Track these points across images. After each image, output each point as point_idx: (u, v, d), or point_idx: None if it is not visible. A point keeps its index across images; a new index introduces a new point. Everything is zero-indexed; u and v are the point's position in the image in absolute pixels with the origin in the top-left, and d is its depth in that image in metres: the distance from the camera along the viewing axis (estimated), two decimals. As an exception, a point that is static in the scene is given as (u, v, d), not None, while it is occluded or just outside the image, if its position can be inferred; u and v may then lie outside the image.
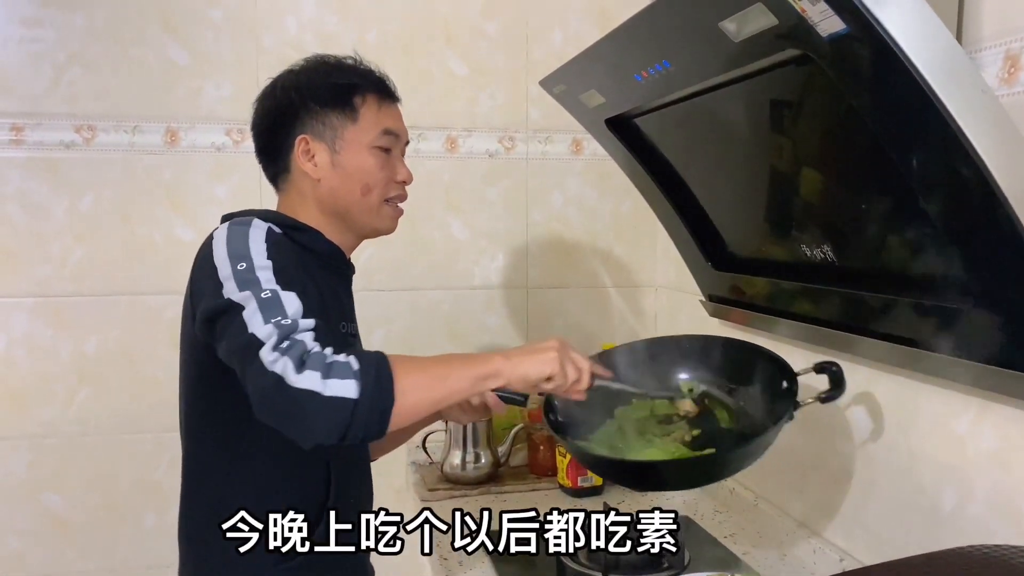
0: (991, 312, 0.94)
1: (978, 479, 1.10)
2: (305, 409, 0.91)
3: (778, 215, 1.34)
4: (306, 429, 0.93)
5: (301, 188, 1.22)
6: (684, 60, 1.14)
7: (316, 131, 1.20)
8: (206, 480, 1.18)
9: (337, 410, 0.92)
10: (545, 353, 1.09)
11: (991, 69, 1.02)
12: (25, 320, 1.87)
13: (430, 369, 1.02)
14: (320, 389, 0.91)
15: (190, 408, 1.19)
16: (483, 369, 1.05)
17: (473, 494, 1.79)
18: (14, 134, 1.83)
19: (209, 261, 1.06)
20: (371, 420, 0.93)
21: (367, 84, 1.23)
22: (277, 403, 0.92)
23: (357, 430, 0.93)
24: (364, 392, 0.93)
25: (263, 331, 0.95)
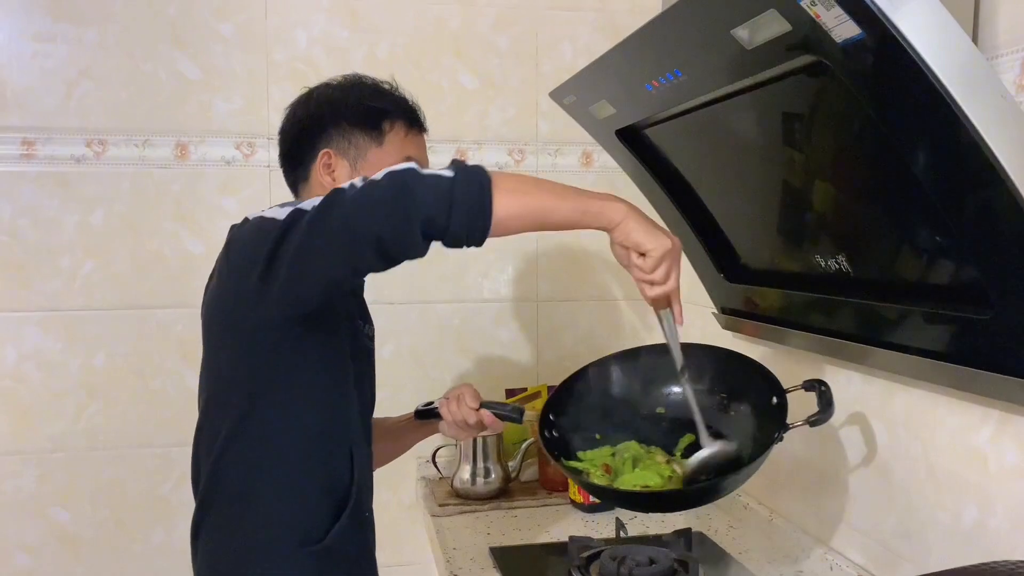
0: (1011, 322, 0.92)
1: (999, 493, 1.08)
2: (408, 184, 0.94)
3: (792, 226, 1.32)
4: (413, 204, 0.94)
5: None
6: (696, 69, 1.13)
7: (341, 147, 1.23)
8: (233, 472, 1.17)
9: (437, 183, 0.94)
10: (659, 235, 1.05)
11: (1008, 75, 1.01)
12: (35, 334, 1.87)
13: (534, 181, 1.04)
14: (416, 167, 0.96)
15: (215, 403, 1.19)
16: (595, 204, 1.03)
17: (484, 509, 1.77)
18: (26, 148, 1.84)
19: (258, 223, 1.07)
20: (471, 194, 0.95)
21: (398, 111, 1.26)
22: (377, 192, 0.95)
23: (460, 204, 0.94)
24: (458, 172, 0.96)
25: (345, 184, 0.99)
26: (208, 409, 1.20)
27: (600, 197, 1.05)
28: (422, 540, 1.98)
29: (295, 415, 1.15)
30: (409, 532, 2.03)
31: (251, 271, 1.04)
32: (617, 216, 1.04)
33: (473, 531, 1.66)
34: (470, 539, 1.61)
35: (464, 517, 1.74)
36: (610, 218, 1.04)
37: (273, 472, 1.15)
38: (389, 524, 2.01)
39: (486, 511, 1.77)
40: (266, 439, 1.15)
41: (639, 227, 1.04)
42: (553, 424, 1.37)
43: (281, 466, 1.15)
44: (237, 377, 1.16)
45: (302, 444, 1.16)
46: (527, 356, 2.12)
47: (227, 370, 1.17)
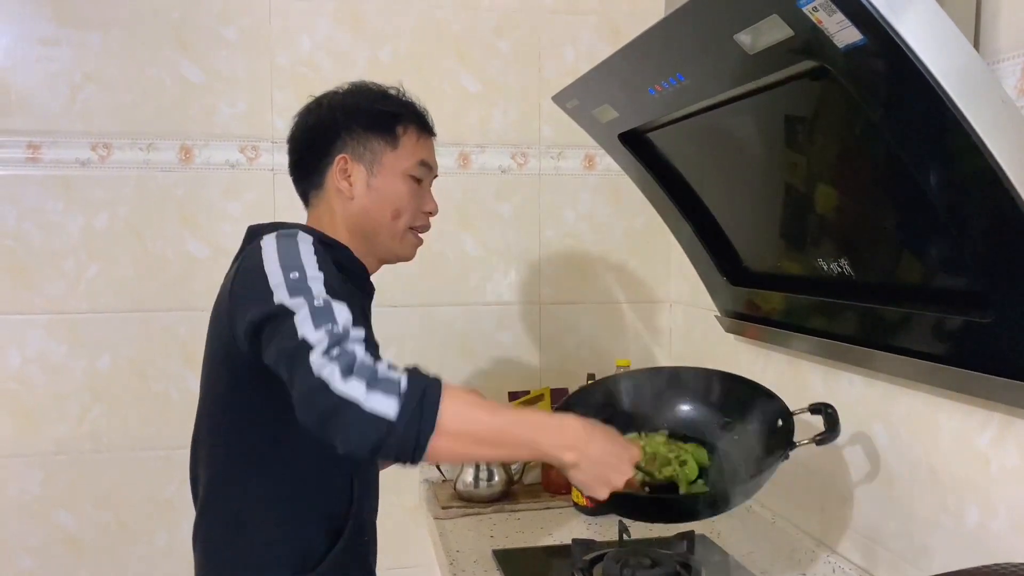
0: (1012, 326, 0.92)
1: (1001, 496, 1.08)
2: (343, 417, 0.91)
3: (794, 229, 1.33)
4: (342, 437, 0.92)
5: (332, 205, 1.25)
6: (698, 73, 1.13)
7: (356, 152, 1.23)
8: (231, 487, 1.17)
9: (373, 425, 0.90)
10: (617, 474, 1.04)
11: (1009, 81, 1.01)
12: (39, 337, 1.88)
13: (487, 419, 0.99)
14: (361, 400, 0.91)
15: (214, 416, 1.19)
16: (552, 450, 1.01)
17: (486, 512, 1.78)
18: (31, 152, 1.85)
19: (259, 270, 1.06)
20: (405, 445, 0.92)
21: (410, 115, 1.27)
22: (318, 406, 0.92)
23: (389, 450, 0.92)
24: (403, 414, 0.91)
25: (314, 336, 0.95)
26: (206, 423, 1.20)
27: (557, 431, 1.03)
28: (425, 543, 1.98)
29: (291, 444, 1.13)
30: (412, 535, 2.03)
31: (242, 318, 1.05)
32: (580, 459, 1.02)
33: (476, 534, 1.66)
34: (473, 542, 1.62)
35: (467, 520, 1.74)
36: (569, 459, 1.02)
37: (269, 498, 1.15)
38: (392, 527, 2.01)
39: (489, 514, 1.77)
40: (261, 466, 1.15)
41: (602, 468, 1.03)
42: None
43: (277, 493, 1.15)
44: (231, 402, 1.16)
45: (298, 472, 1.15)
46: (530, 359, 2.12)
47: (222, 391, 1.17)
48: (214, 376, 1.18)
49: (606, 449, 1.04)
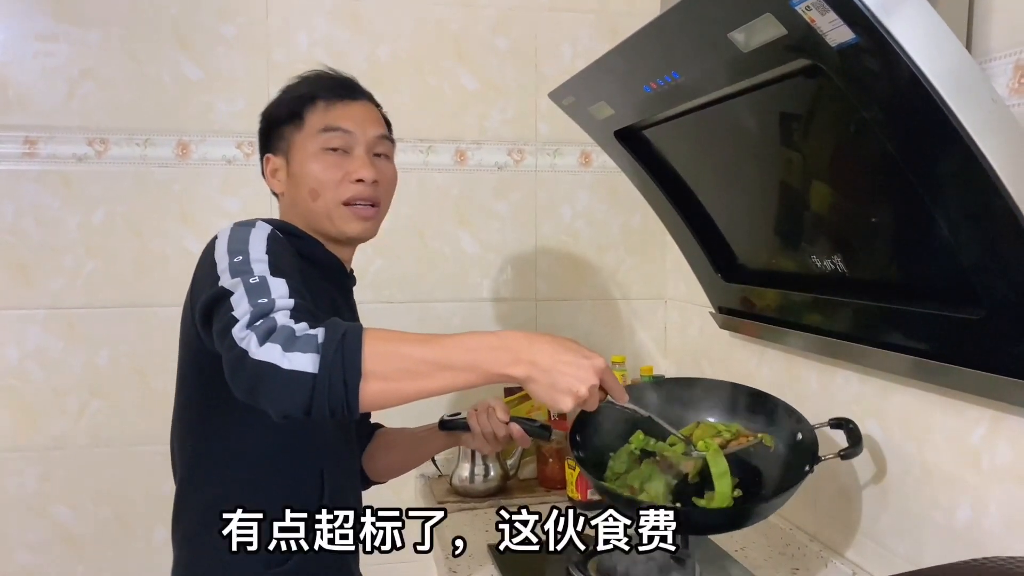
0: (1004, 322, 0.93)
1: (992, 492, 1.09)
2: (266, 382, 0.89)
3: (788, 226, 1.33)
4: (270, 401, 0.90)
5: (281, 205, 1.28)
6: (693, 71, 1.14)
7: (276, 147, 1.24)
8: (201, 482, 1.18)
9: (296, 383, 0.88)
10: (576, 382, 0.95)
11: (1001, 79, 1.02)
12: (37, 333, 1.88)
13: (417, 351, 0.93)
14: (279, 362, 0.88)
15: (184, 409, 1.20)
16: (494, 367, 0.94)
17: (482, 507, 1.78)
18: (28, 147, 1.85)
19: (210, 258, 1.07)
20: (335, 396, 0.89)
21: (315, 90, 1.23)
22: (241, 376, 0.91)
23: (321, 405, 0.89)
24: (323, 366, 0.88)
25: (241, 310, 0.94)
26: (179, 413, 1.21)
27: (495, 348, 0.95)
28: (421, 538, 1.99)
29: (256, 437, 1.14)
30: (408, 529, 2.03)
31: (195, 307, 1.05)
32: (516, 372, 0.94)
33: (472, 528, 1.67)
34: (469, 536, 1.62)
35: (463, 514, 1.75)
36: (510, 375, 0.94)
37: (238, 492, 1.14)
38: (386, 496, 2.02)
39: (485, 508, 1.78)
40: (229, 459, 1.15)
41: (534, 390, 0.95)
42: (580, 444, 1.36)
43: (245, 486, 1.14)
44: (198, 397, 1.16)
45: (264, 466, 1.15)
46: (526, 355, 2.13)
47: (190, 385, 1.18)
48: (184, 371, 1.19)
49: (558, 357, 0.95)
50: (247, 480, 1.15)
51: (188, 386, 1.19)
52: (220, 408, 1.13)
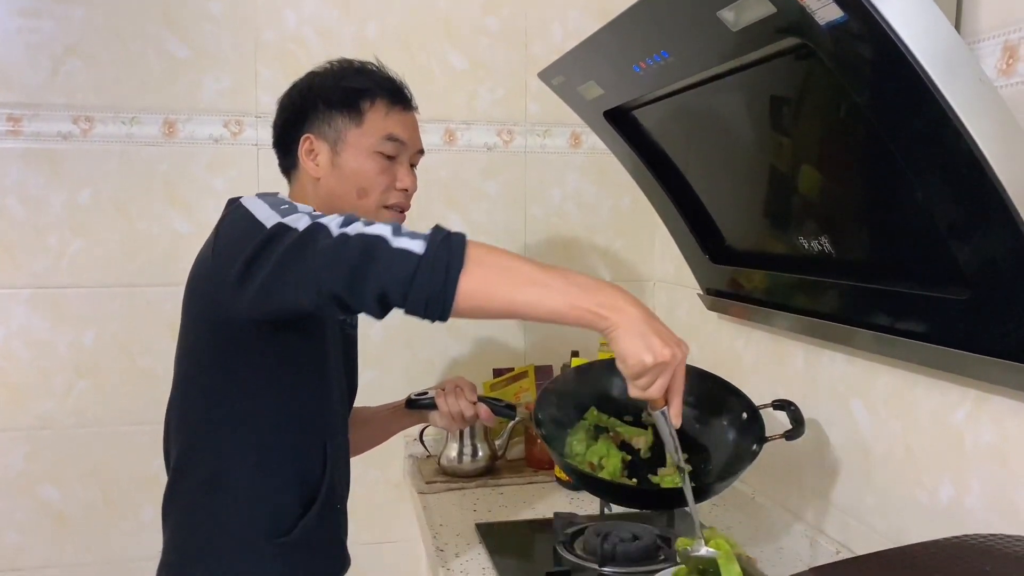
0: (989, 303, 0.93)
1: (975, 471, 1.10)
2: (373, 254, 0.91)
3: (776, 207, 1.34)
4: (375, 275, 0.91)
5: (304, 185, 1.26)
6: (682, 50, 1.14)
7: (321, 131, 1.23)
8: (202, 452, 1.18)
9: (403, 258, 0.90)
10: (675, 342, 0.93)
11: (989, 60, 1.02)
12: (23, 312, 1.87)
13: (518, 264, 0.94)
14: (388, 237, 0.92)
15: (187, 381, 1.19)
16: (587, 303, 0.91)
17: (470, 487, 1.79)
18: (11, 125, 1.83)
19: (248, 218, 1.04)
20: (435, 279, 0.89)
21: (378, 90, 1.24)
22: (345, 254, 0.92)
23: (421, 286, 0.89)
24: (429, 249, 0.90)
25: (326, 219, 0.96)
26: (180, 387, 1.20)
27: (598, 291, 0.93)
28: (409, 517, 2.00)
29: (266, 407, 1.15)
30: (396, 509, 2.05)
31: (231, 266, 1.03)
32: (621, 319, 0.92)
33: (460, 508, 1.68)
34: (456, 515, 1.63)
35: (451, 494, 1.76)
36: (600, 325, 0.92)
37: (243, 462, 1.15)
38: (377, 502, 2.03)
39: (472, 488, 1.79)
40: (236, 428, 1.15)
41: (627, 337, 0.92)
42: (542, 423, 1.43)
43: (251, 457, 1.15)
44: (210, 361, 1.16)
45: (273, 436, 1.16)
46: (515, 338, 2.13)
47: (200, 351, 1.17)
48: (192, 342, 1.18)
49: (653, 320, 0.94)
50: (253, 451, 1.15)
51: (194, 358, 1.18)
52: (229, 378, 1.14)
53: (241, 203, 1.10)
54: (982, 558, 0.79)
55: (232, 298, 1.04)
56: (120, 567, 1.95)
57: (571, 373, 1.60)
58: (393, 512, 2.05)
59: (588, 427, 1.48)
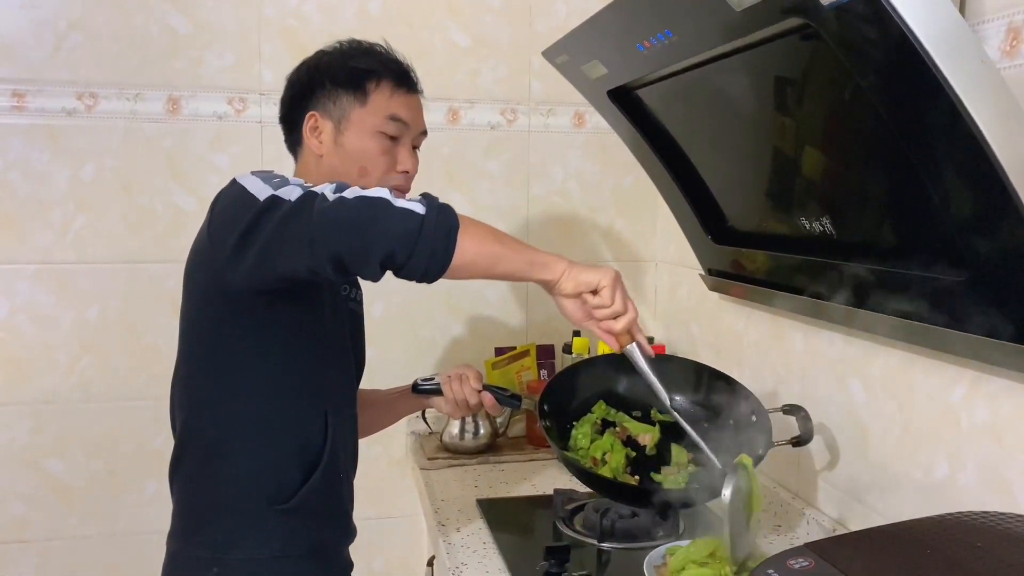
0: (987, 285, 0.94)
1: (970, 450, 1.12)
2: (377, 213, 0.97)
3: (778, 188, 1.34)
4: (380, 232, 0.97)
5: (308, 161, 1.27)
6: (686, 30, 1.14)
7: (326, 109, 1.24)
8: (205, 421, 1.20)
9: (405, 217, 0.97)
10: (602, 269, 1.11)
11: (993, 41, 1.02)
12: (27, 287, 1.88)
13: (493, 232, 1.06)
14: (389, 198, 0.98)
15: (191, 352, 1.21)
16: (541, 256, 1.09)
17: (471, 464, 1.81)
18: (16, 100, 1.83)
19: (241, 194, 1.07)
20: (438, 237, 0.97)
21: (383, 70, 1.25)
22: (345, 214, 0.97)
23: (425, 243, 0.97)
24: (429, 211, 0.98)
25: (319, 188, 1.01)
26: (184, 357, 1.22)
27: (546, 254, 1.10)
28: (411, 493, 2.03)
29: (266, 375, 1.17)
30: (399, 485, 2.07)
31: (227, 238, 1.06)
32: (560, 266, 1.09)
33: (461, 484, 1.70)
34: (458, 491, 1.65)
35: (452, 471, 1.78)
36: (555, 269, 1.09)
37: (244, 429, 1.17)
38: (380, 478, 2.05)
39: (474, 465, 1.81)
40: (237, 396, 1.17)
41: (583, 269, 1.10)
42: (547, 414, 1.43)
43: (252, 424, 1.17)
44: (211, 332, 1.18)
45: (273, 404, 1.17)
46: (516, 317, 2.14)
47: (201, 323, 1.19)
48: (193, 316, 1.20)
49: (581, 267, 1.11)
50: (254, 419, 1.17)
51: (194, 331, 1.20)
52: (228, 348, 1.16)
53: (236, 179, 1.12)
54: (974, 535, 0.80)
55: (229, 269, 1.07)
56: (124, 540, 1.97)
57: (580, 365, 1.60)
58: (396, 488, 2.07)
59: (594, 421, 1.47)
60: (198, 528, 1.20)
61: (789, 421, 1.38)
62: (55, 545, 1.94)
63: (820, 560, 0.79)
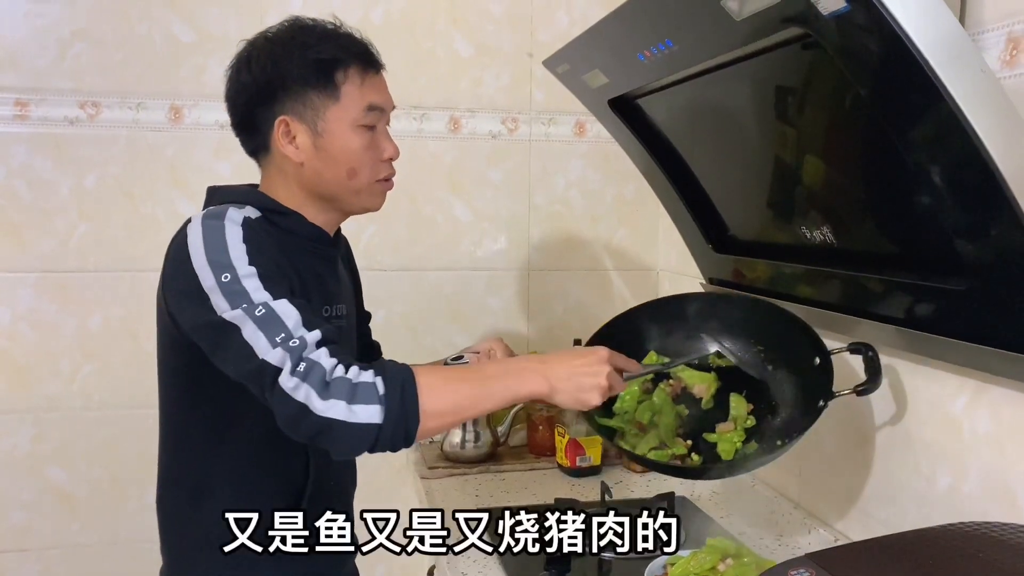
0: (988, 294, 0.94)
1: (972, 460, 1.11)
2: (332, 435, 0.95)
3: (779, 197, 1.34)
4: (335, 449, 0.97)
5: (283, 169, 1.16)
6: (687, 39, 1.14)
7: (296, 112, 1.13)
8: (186, 463, 1.17)
9: (363, 433, 0.95)
10: (595, 378, 1.07)
11: (993, 51, 1.02)
12: (30, 295, 1.88)
13: (462, 388, 1.03)
14: (346, 417, 0.94)
15: (167, 392, 1.18)
16: (524, 389, 1.05)
17: (472, 472, 1.81)
18: (19, 109, 1.84)
19: (187, 264, 1.03)
20: (396, 440, 0.97)
21: (348, 56, 1.14)
22: (304, 429, 0.95)
23: (383, 447, 0.97)
24: (389, 417, 0.95)
25: (273, 355, 0.95)
26: (162, 393, 1.18)
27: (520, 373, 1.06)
28: (412, 502, 2.02)
29: (241, 415, 1.12)
30: (399, 494, 2.06)
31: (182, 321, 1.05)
32: (550, 388, 1.05)
33: (462, 493, 1.69)
34: (458, 501, 1.65)
35: (453, 480, 1.77)
36: (541, 391, 1.05)
37: (223, 470, 1.14)
38: (380, 486, 2.04)
39: (475, 474, 1.80)
40: (214, 441, 1.14)
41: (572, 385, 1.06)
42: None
43: (231, 468, 1.14)
44: (186, 373, 1.13)
45: (250, 443, 1.14)
46: (518, 324, 2.14)
47: (171, 368, 1.15)
48: (163, 348, 1.16)
49: (571, 365, 1.07)
50: (231, 462, 1.14)
51: (169, 369, 1.16)
52: (200, 392, 1.12)
53: (186, 232, 1.07)
54: (978, 545, 0.79)
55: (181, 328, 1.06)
56: (125, 548, 1.97)
57: (632, 312, 1.44)
58: (397, 497, 2.07)
59: (644, 380, 1.34)
60: (188, 568, 1.18)
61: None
62: (56, 554, 1.94)
63: (821, 571, 0.78)
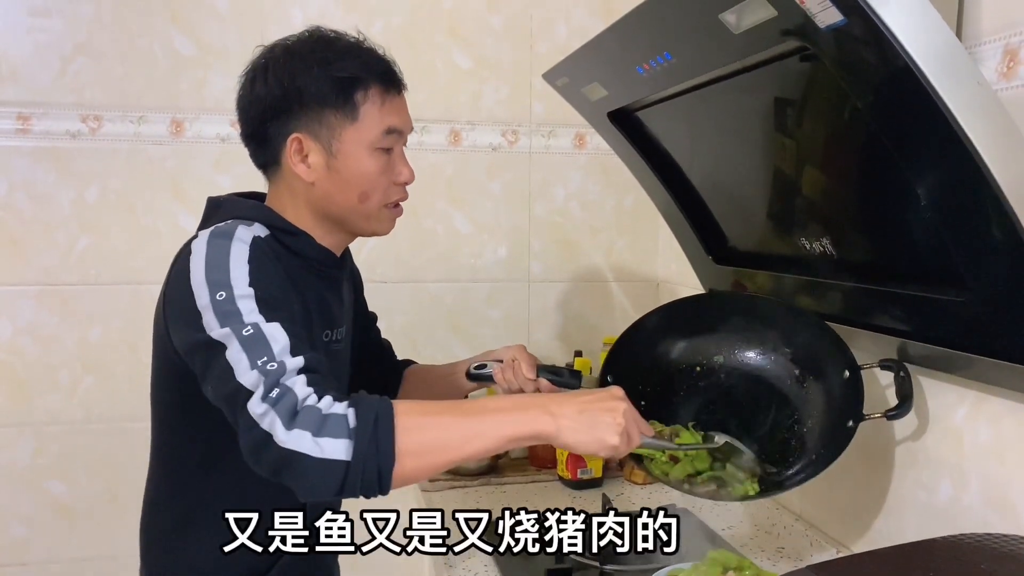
0: (988, 305, 0.94)
1: (973, 471, 1.11)
2: (294, 469, 0.86)
3: (778, 208, 1.34)
4: (299, 487, 0.88)
5: (292, 186, 1.13)
6: (685, 52, 1.14)
7: (311, 130, 1.09)
8: (174, 491, 1.15)
9: (328, 471, 0.86)
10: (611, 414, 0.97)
11: (990, 63, 1.03)
12: (30, 308, 1.88)
13: (448, 425, 0.93)
14: (310, 450, 0.86)
15: (160, 424, 1.16)
16: (524, 428, 0.95)
17: (473, 485, 1.80)
18: (21, 123, 1.84)
19: (186, 280, 0.99)
20: (368, 481, 0.88)
21: (370, 76, 1.10)
22: (265, 458, 0.88)
23: (353, 488, 0.88)
24: (358, 453, 0.86)
25: (249, 378, 0.90)
26: (153, 422, 1.16)
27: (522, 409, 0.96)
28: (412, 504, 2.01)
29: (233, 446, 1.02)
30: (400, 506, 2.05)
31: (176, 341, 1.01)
32: (548, 428, 0.95)
33: (463, 505, 1.69)
34: (459, 513, 1.64)
35: (455, 492, 1.77)
36: (546, 433, 0.95)
37: (212, 504, 1.08)
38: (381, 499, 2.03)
39: (476, 486, 1.80)
40: (204, 470, 1.12)
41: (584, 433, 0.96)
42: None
43: (219, 498, 1.09)
44: (173, 405, 1.12)
45: (238, 476, 1.04)
46: (518, 336, 2.14)
47: (164, 395, 1.13)
48: (160, 381, 1.13)
49: (581, 400, 0.97)
50: (219, 492, 1.11)
51: (163, 385, 1.13)
52: (191, 421, 1.10)
53: (191, 249, 1.03)
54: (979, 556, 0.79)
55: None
56: (125, 562, 1.95)
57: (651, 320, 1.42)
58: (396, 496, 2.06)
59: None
60: None
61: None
62: (55, 568, 1.94)
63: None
